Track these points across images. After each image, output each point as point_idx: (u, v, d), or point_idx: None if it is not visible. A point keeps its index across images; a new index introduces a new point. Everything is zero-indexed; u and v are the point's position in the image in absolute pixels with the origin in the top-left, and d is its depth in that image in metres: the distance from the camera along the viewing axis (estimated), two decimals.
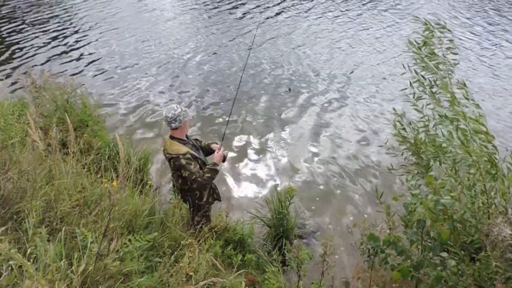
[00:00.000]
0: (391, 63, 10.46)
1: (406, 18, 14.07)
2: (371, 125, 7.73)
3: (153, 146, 6.62)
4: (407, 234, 2.73)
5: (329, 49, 11.39)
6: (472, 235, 2.64)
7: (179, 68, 10.10)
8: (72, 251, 2.39)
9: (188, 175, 3.54)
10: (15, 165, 3.03)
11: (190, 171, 3.52)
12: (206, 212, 3.98)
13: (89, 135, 5.40)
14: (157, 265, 2.82)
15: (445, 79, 2.95)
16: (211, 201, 3.98)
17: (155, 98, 8.59)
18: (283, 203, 4.50)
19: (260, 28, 12.73)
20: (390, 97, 8.69)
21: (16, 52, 10.63)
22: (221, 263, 3.26)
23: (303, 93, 8.97)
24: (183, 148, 3.61)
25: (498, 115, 8.10)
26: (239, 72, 9.70)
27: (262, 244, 4.58)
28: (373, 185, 5.97)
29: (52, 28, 12.61)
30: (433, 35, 3.07)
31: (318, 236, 4.99)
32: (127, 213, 3.17)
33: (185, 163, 3.53)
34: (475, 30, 13.29)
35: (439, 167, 2.89)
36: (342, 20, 13.99)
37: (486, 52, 11.44)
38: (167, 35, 12.32)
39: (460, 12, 15.27)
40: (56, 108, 5.77)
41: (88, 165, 3.87)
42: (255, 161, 6.60)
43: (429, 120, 3.07)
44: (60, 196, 2.98)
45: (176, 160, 3.57)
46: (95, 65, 10.15)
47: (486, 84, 9.51)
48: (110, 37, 12.01)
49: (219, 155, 3.80)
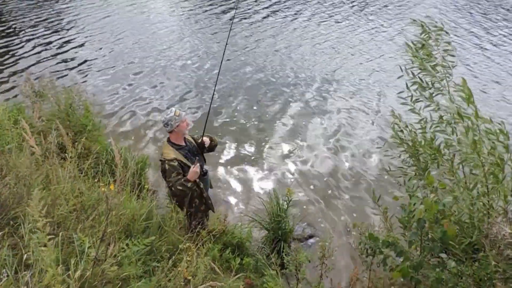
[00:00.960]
0: (387, 64, 10.55)
1: (402, 21, 14.17)
2: (369, 127, 7.76)
3: (151, 150, 6.61)
4: (406, 236, 2.72)
5: (331, 51, 11.45)
6: (470, 237, 2.64)
7: (170, 71, 10.12)
8: (69, 256, 2.37)
9: (167, 181, 3.63)
10: (12, 170, 3.01)
11: (169, 178, 3.57)
12: (201, 218, 3.94)
13: (88, 139, 5.37)
14: (155, 269, 2.80)
15: (442, 81, 2.95)
16: (204, 209, 3.92)
17: (153, 102, 8.60)
18: (281, 206, 4.50)
19: (247, 30, 12.82)
20: (387, 99, 8.75)
21: (14, 57, 10.61)
22: (219, 266, 3.24)
23: (300, 96, 9.00)
24: (172, 153, 3.63)
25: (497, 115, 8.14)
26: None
27: (261, 248, 4.57)
28: (370, 187, 5.97)
29: (42, 33, 12.59)
30: (430, 37, 3.07)
31: (316, 239, 4.98)
32: (124, 217, 3.15)
33: (167, 169, 3.58)
34: (460, 32, 13.41)
35: (437, 169, 2.88)
36: (346, 23, 14.09)
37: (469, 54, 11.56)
38: (161, 40, 12.35)
39: (448, 15, 15.39)
40: (58, 112, 5.74)
41: (86, 169, 3.85)
42: (252, 165, 6.59)
43: (426, 122, 3.07)
44: (57, 201, 2.96)
45: (162, 164, 3.64)
46: (94, 70, 10.15)
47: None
48: (107, 42, 12.02)
49: (192, 171, 3.56)
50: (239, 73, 10.10)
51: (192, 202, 3.79)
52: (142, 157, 5.49)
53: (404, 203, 2.57)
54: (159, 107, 8.34)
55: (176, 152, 3.67)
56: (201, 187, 3.78)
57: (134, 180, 4.10)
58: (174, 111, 3.66)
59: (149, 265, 2.84)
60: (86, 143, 5.06)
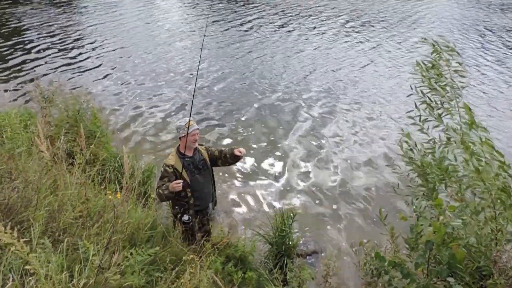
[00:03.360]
0: (397, 81, 10.55)
1: (416, 37, 14.25)
2: (378, 143, 7.72)
3: (157, 158, 6.63)
4: (412, 257, 2.68)
5: (337, 66, 11.54)
6: (478, 261, 2.59)
7: (180, 79, 10.23)
8: (74, 263, 2.36)
9: (156, 183, 3.81)
10: (21, 174, 3.04)
11: (158, 181, 3.74)
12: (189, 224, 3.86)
13: (96, 146, 5.41)
14: (157, 280, 2.79)
15: (452, 101, 2.95)
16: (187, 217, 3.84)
17: (164, 111, 8.67)
18: (286, 220, 4.47)
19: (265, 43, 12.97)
20: (396, 116, 8.72)
21: (25, 63, 10.80)
22: (221, 280, 3.21)
23: (307, 110, 9.02)
24: (172, 160, 3.77)
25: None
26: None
27: (263, 262, 4.52)
28: (377, 205, 5.91)
29: (60, 40, 12.83)
30: (441, 57, 3.08)
31: (320, 256, 4.92)
32: (129, 226, 3.15)
33: (162, 172, 3.75)
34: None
35: (445, 191, 2.86)
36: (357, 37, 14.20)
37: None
38: (172, 50, 12.52)
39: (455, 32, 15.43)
40: (67, 117, 5.80)
41: (93, 176, 3.87)
42: (257, 178, 6.58)
43: (435, 143, 3.06)
44: (64, 207, 2.97)
45: (162, 166, 3.83)
46: (103, 77, 10.29)
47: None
48: (118, 49, 12.21)
49: (172, 184, 3.57)
50: (244, 85, 10.18)
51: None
52: (148, 165, 5.51)
53: (412, 223, 2.55)
54: (168, 116, 8.39)
55: (177, 160, 3.75)
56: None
57: (140, 189, 4.11)
58: (188, 121, 3.69)
59: (152, 275, 2.82)
60: (93, 150, 5.09)
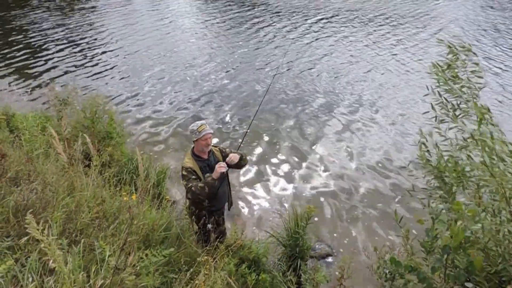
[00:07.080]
0: (416, 86, 10.40)
1: (432, 38, 14.05)
2: (394, 145, 7.63)
3: (172, 160, 6.68)
4: (428, 261, 2.63)
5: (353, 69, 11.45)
6: (497, 265, 2.53)
7: (198, 85, 10.29)
8: (90, 263, 2.40)
9: (185, 184, 3.69)
10: (39, 176, 3.10)
11: (187, 181, 3.66)
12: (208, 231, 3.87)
13: (112, 148, 5.48)
14: (172, 281, 2.80)
15: (469, 102, 2.90)
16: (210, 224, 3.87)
17: (177, 114, 8.75)
18: (300, 222, 4.45)
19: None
20: (414, 118, 8.59)
21: (42, 66, 11.03)
22: (235, 281, 3.21)
23: (325, 112, 8.97)
24: (189, 163, 3.75)
25: None
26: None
27: (277, 264, 4.51)
28: (392, 207, 5.85)
29: (75, 43, 13.07)
30: (458, 58, 3.02)
31: (333, 258, 4.89)
32: (144, 227, 3.18)
33: (185, 174, 3.69)
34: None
35: (463, 193, 2.81)
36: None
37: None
38: (189, 51, 12.63)
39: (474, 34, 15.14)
40: (83, 119, 5.89)
41: (109, 178, 3.92)
42: (272, 180, 6.57)
43: (452, 144, 3.00)
44: (81, 208, 3.02)
45: (181, 170, 3.77)
46: (118, 80, 10.43)
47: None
48: (131, 51, 12.37)
49: (216, 171, 3.62)
50: (262, 88, 10.19)
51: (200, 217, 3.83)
52: (162, 167, 5.56)
53: (428, 227, 2.50)
54: (183, 119, 8.46)
55: (194, 162, 3.77)
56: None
57: (154, 190, 4.15)
58: (200, 125, 3.72)
59: (167, 276, 2.84)
60: (110, 151, 5.17)
